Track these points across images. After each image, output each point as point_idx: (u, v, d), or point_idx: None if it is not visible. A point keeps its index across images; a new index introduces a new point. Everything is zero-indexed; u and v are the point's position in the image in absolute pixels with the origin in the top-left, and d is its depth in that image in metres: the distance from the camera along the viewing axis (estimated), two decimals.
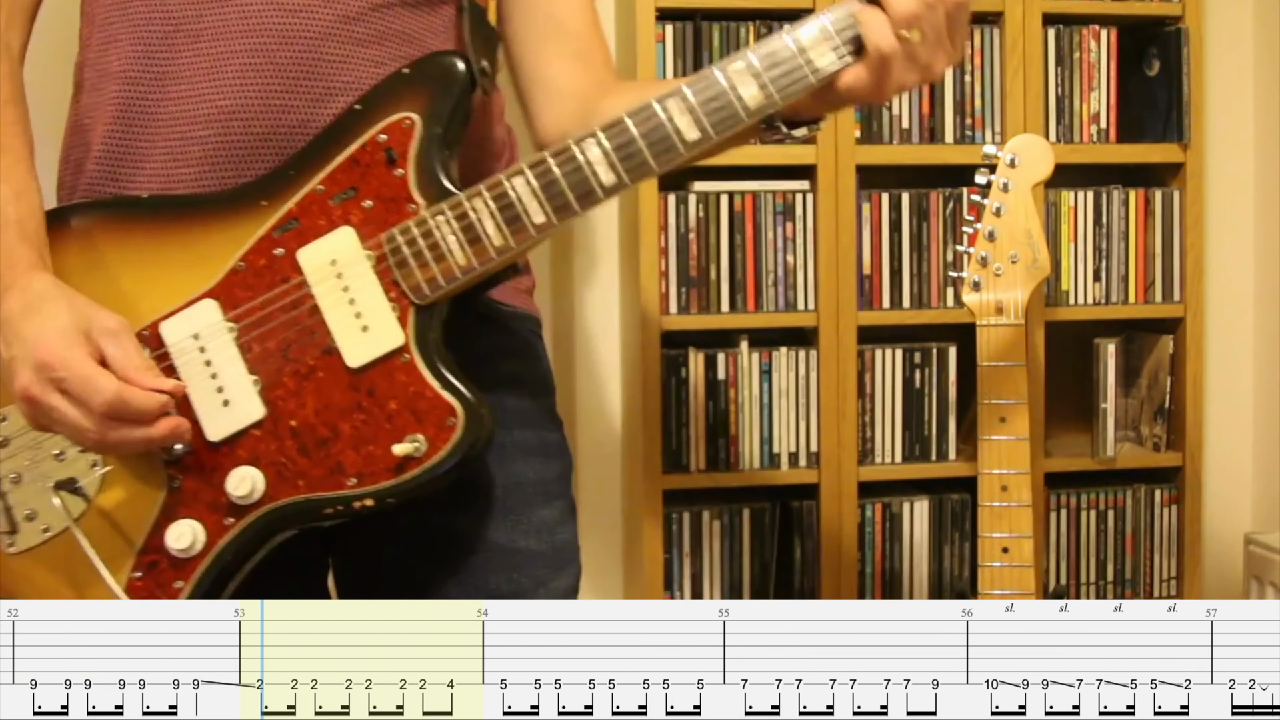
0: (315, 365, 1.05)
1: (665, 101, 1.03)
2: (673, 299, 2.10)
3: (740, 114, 1.03)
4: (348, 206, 1.06)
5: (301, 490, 1.04)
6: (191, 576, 1.05)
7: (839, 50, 1.03)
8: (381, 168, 1.06)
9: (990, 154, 1.56)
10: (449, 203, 1.05)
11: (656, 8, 2.05)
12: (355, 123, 1.08)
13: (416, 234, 1.05)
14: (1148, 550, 2.26)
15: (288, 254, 1.06)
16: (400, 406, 1.03)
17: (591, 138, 1.03)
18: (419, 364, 1.04)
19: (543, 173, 1.04)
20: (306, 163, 1.08)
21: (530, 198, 1.04)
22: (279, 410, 1.05)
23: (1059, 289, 2.21)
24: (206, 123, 1.10)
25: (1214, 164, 2.34)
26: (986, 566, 1.54)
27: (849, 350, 2.12)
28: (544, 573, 1.18)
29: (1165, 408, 2.26)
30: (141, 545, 1.06)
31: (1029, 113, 2.15)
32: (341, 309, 1.05)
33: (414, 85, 1.08)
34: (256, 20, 1.09)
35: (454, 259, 1.04)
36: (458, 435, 1.02)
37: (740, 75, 1.03)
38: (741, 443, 2.13)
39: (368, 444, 1.04)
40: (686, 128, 1.03)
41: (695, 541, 2.13)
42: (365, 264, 1.05)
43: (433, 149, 1.06)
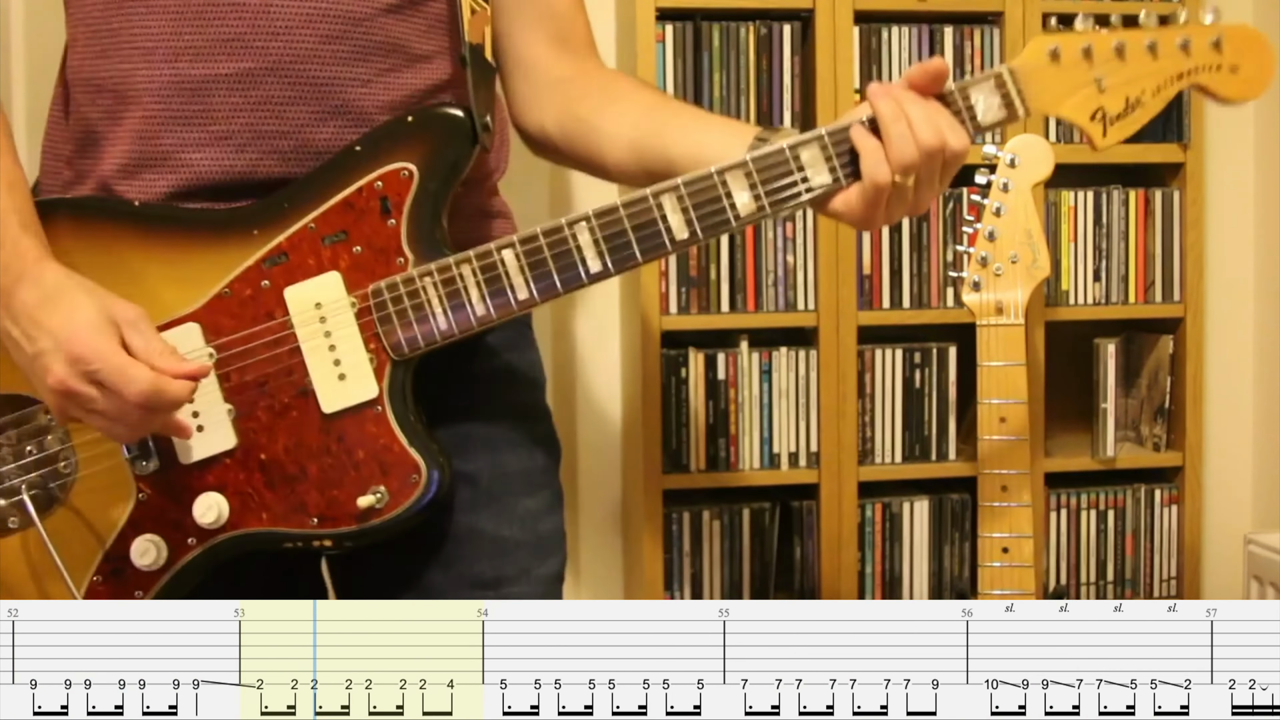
0: (290, 404, 1.07)
1: (661, 197, 1.04)
2: (673, 299, 2.10)
3: (730, 221, 1.05)
4: (337, 250, 1.07)
5: (265, 523, 1.07)
6: (150, 590, 1.08)
7: (834, 169, 1.05)
8: (375, 216, 1.07)
9: (990, 154, 1.56)
10: (438, 264, 1.06)
11: (656, 8, 2.05)
12: (353, 164, 1.08)
13: (403, 291, 1.06)
14: (1148, 550, 2.26)
15: (274, 288, 1.08)
16: (368, 456, 1.06)
17: (584, 221, 1.05)
18: (390, 418, 1.07)
19: (531, 250, 1.06)
20: (301, 197, 1.08)
21: (517, 272, 1.06)
22: (250, 442, 1.07)
23: (1059, 289, 2.21)
24: (198, 147, 1.09)
25: (1214, 164, 2.34)
26: (986, 566, 1.54)
27: (849, 350, 2.12)
28: (528, 561, 1.19)
29: (1165, 408, 2.26)
30: (106, 552, 1.08)
31: None
32: (321, 354, 1.07)
33: (415, 135, 1.08)
34: (240, 44, 1.08)
35: (435, 322, 1.06)
36: (419, 492, 1.06)
37: (736, 180, 1.04)
38: (741, 443, 2.13)
39: (333, 488, 1.06)
40: (678, 227, 1.04)
41: (695, 541, 2.13)
42: (348, 312, 1.07)
43: (427, 203, 1.07)
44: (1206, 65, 1.09)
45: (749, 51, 2.10)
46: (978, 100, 1.06)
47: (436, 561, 1.16)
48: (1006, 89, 1.06)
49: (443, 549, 1.16)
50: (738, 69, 2.10)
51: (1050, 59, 1.06)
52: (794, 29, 2.11)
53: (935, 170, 1.04)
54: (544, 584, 1.21)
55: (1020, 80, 1.06)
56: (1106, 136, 1.08)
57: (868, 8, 2.10)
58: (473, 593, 1.15)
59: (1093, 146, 1.08)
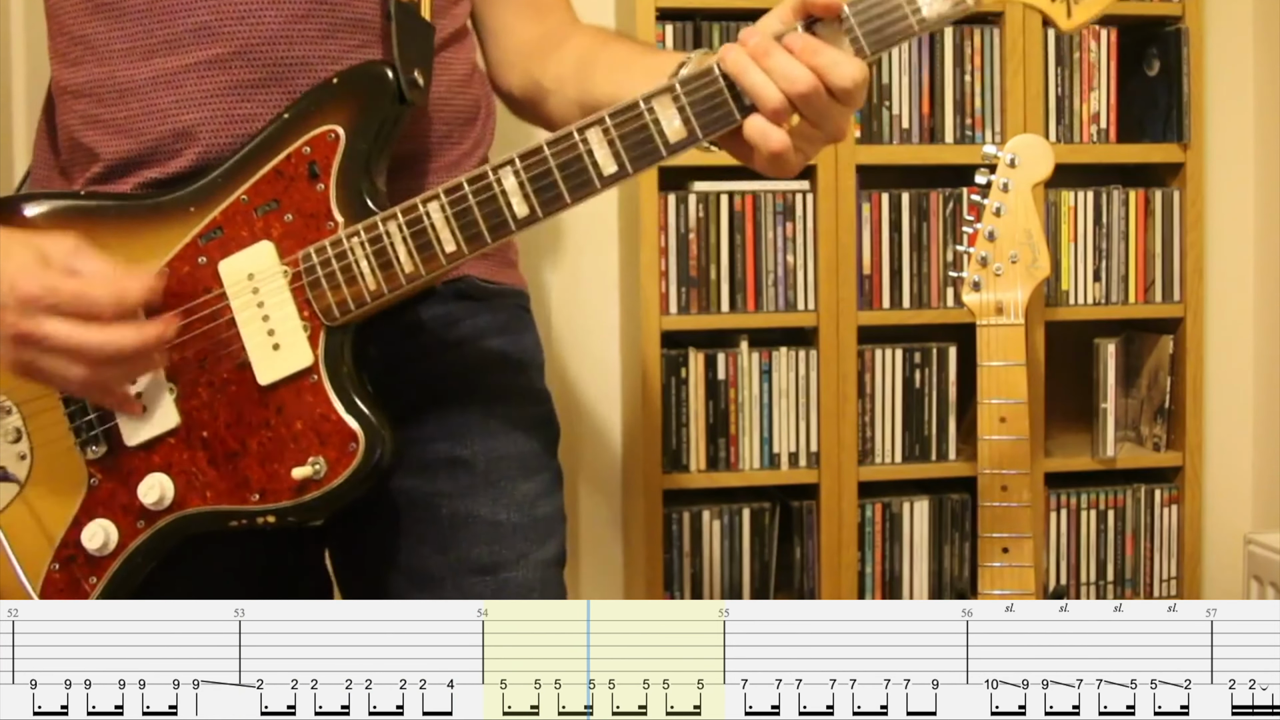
0: (229, 379, 1.06)
1: (586, 131, 0.99)
2: (673, 299, 2.10)
3: (660, 150, 0.99)
4: (269, 219, 1.06)
5: (209, 501, 1.06)
6: (104, 575, 1.07)
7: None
8: (304, 182, 1.06)
9: (990, 154, 1.56)
10: (364, 224, 1.03)
11: (656, 8, 2.05)
12: (282, 133, 1.07)
13: (331, 254, 1.04)
14: (1148, 550, 2.26)
15: (210, 263, 1.06)
16: (305, 427, 1.04)
17: (508, 165, 1.01)
18: (326, 386, 1.04)
19: (457, 199, 1.02)
20: (234, 171, 1.08)
21: (443, 225, 1.02)
22: (192, 420, 1.06)
23: (1059, 289, 2.21)
24: (176, 137, 1.09)
25: (1214, 164, 2.34)
26: (986, 566, 1.54)
27: (849, 350, 2.12)
28: (525, 545, 1.19)
29: (1165, 408, 2.26)
30: (61, 539, 1.08)
31: (1029, 113, 2.15)
32: (256, 324, 1.05)
33: (341, 96, 1.06)
34: (208, 33, 1.08)
35: (364, 283, 1.03)
36: (357, 461, 1.03)
37: (663, 105, 0.98)
38: (741, 443, 2.13)
39: (273, 461, 1.05)
40: (604, 161, 0.99)
41: (695, 541, 2.13)
42: (281, 280, 1.05)
43: (356, 165, 1.05)
44: None
45: None
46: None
47: (434, 547, 1.16)
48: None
49: (440, 534, 1.16)
50: None
51: None
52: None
53: (825, 108, 0.96)
54: (542, 568, 1.20)
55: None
56: (1072, 17, 0.98)
57: None
58: (470, 578, 1.15)
59: (1057, 29, 1.00)
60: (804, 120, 0.96)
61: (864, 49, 0.95)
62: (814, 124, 0.97)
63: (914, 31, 0.95)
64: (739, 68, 0.95)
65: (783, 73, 0.94)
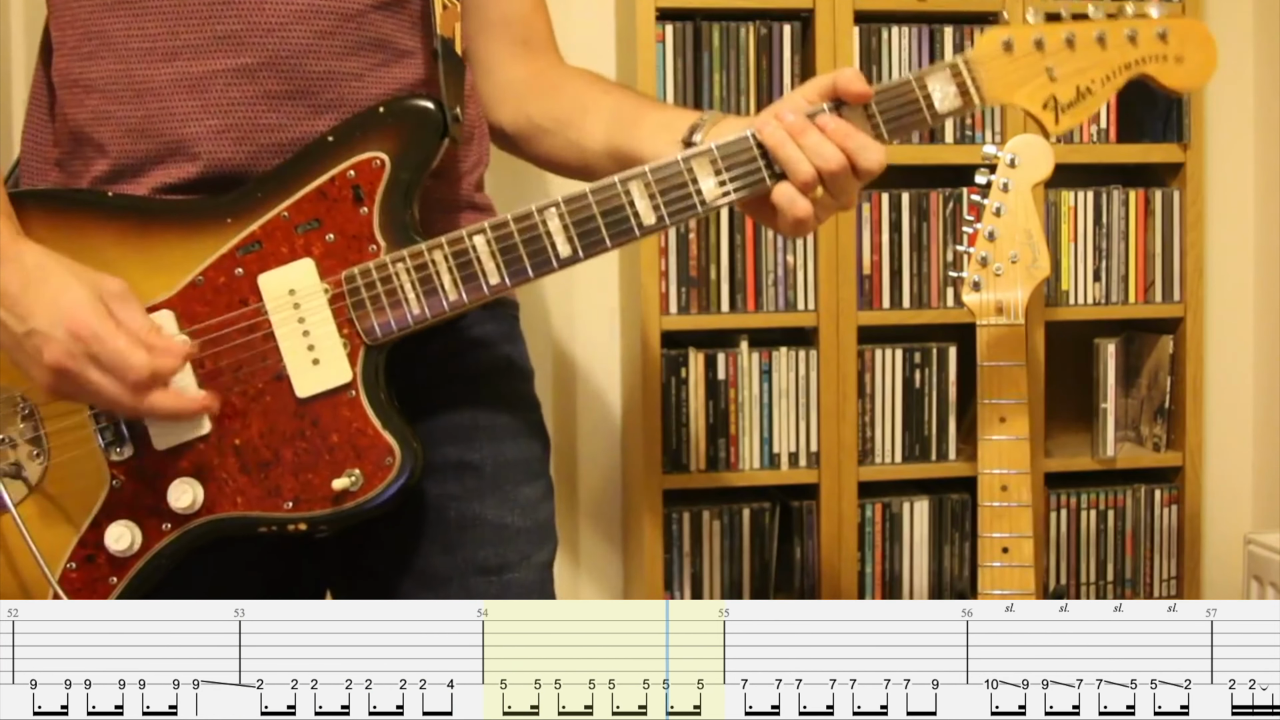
0: (264, 389, 1.08)
1: (629, 183, 1.08)
2: (673, 299, 2.10)
3: (696, 206, 1.08)
4: (310, 238, 1.09)
5: (239, 507, 1.08)
6: (125, 576, 1.08)
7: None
8: (348, 204, 1.09)
9: (990, 154, 1.55)
10: (410, 250, 1.08)
11: (656, 8, 2.05)
12: (325, 154, 1.10)
13: (375, 277, 1.08)
14: (1148, 550, 2.26)
15: (248, 275, 1.09)
16: (342, 440, 1.07)
17: (553, 207, 1.08)
18: (364, 402, 1.08)
19: (502, 235, 1.08)
20: (274, 186, 1.10)
21: (488, 258, 1.08)
22: (224, 427, 1.08)
23: (1059, 289, 2.21)
24: (195, 141, 1.10)
25: (1214, 164, 2.34)
26: (986, 566, 1.54)
27: (849, 350, 2.12)
28: (527, 547, 1.22)
29: (1165, 408, 2.26)
30: (80, 538, 1.09)
31: None
32: (295, 339, 1.08)
33: (388, 125, 1.10)
34: (236, 41, 1.10)
35: (409, 308, 1.08)
36: (393, 475, 1.07)
37: (701, 164, 1.08)
38: (741, 443, 2.13)
39: (307, 471, 1.08)
40: (645, 212, 1.08)
41: (695, 541, 2.13)
42: (322, 298, 1.08)
43: (398, 192, 1.09)
44: (1153, 55, 1.14)
45: (749, 51, 2.10)
46: (935, 89, 1.09)
47: (440, 547, 1.18)
48: (962, 78, 1.10)
49: (447, 535, 1.18)
50: (738, 69, 2.10)
51: (1003, 49, 1.11)
52: (794, 29, 2.11)
53: (847, 183, 1.08)
54: (540, 570, 1.24)
55: (975, 69, 1.10)
56: (1059, 124, 1.12)
57: (868, 8, 2.10)
58: (476, 578, 1.18)
59: (1045, 134, 1.13)
60: (826, 191, 1.08)
61: (883, 135, 1.09)
62: (833, 195, 1.09)
63: (927, 124, 1.11)
64: (776, 141, 1.07)
65: (816, 150, 1.07)
